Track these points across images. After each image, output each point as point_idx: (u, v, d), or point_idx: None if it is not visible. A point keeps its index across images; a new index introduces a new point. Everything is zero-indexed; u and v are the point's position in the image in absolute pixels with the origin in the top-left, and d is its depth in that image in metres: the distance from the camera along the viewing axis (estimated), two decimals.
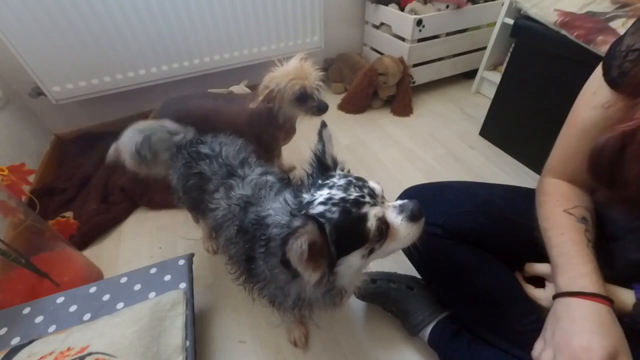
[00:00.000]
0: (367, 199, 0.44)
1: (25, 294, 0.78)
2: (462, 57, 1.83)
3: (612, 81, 0.49)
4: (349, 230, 0.43)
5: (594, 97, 0.52)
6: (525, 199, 0.72)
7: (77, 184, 1.26)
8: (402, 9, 1.62)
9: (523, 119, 1.30)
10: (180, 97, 1.10)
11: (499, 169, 1.33)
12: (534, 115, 1.24)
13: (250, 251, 0.55)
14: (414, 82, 1.75)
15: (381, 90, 1.67)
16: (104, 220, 1.14)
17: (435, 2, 1.60)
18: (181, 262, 0.80)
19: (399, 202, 0.48)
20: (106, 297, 0.72)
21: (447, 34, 1.68)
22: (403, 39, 1.62)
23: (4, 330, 0.66)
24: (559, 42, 1.04)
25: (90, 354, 0.57)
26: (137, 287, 0.74)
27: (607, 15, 0.96)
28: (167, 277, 0.76)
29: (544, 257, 0.65)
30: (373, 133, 1.58)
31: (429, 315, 0.75)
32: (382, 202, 0.47)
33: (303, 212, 0.44)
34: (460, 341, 0.70)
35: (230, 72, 1.54)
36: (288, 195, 0.50)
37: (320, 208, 0.43)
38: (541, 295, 0.62)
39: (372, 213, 0.43)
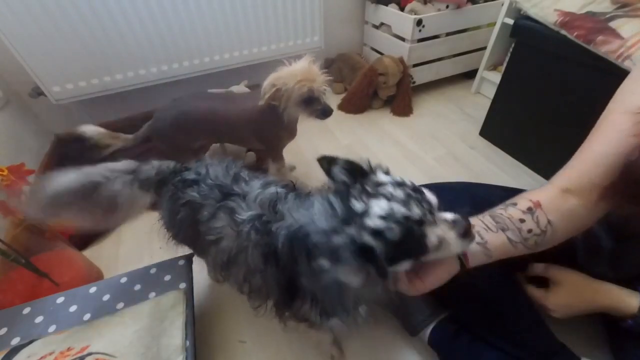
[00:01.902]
0: (429, 216, 0.43)
1: (25, 294, 0.78)
2: (462, 57, 1.83)
3: None
4: (408, 248, 0.42)
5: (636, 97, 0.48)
6: None
7: None
8: (402, 9, 1.62)
9: (523, 118, 1.30)
10: (177, 99, 1.09)
11: (499, 169, 1.33)
12: (534, 115, 1.24)
13: (292, 273, 0.50)
14: (414, 82, 1.75)
15: (381, 90, 1.67)
16: None
17: (435, 2, 1.60)
18: (181, 262, 0.80)
19: (450, 216, 0.46)
20: (106, 297, 0.72)
21: (447, 34, 1.68)
22: (403, 39, 1.62)
23: (4, 330, 0.66)
24: (559, 42, 1.04)
25: (90, 354, 0.57)
26: (137, 287, 0.74)
27: (607, 15, 0.96)
28: (167, 277, 0.76)
29: (544, 258, 0.65)
30: (373, 133, 1.58)
31: (429, 315, 0.75)
32: (437, 214, 0.46)
33: (354, 227, 0.41)
34: (460, 342, 0.70)
35: (230, 72, 1.54)
36: (333, 199, 0.44)
37: (380, 223, 0.40)
38: (542, 295, 0.62)
39: (434, 234, 0.42)
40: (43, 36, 1.13)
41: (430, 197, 0.45)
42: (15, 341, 0.64)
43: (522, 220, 0.53)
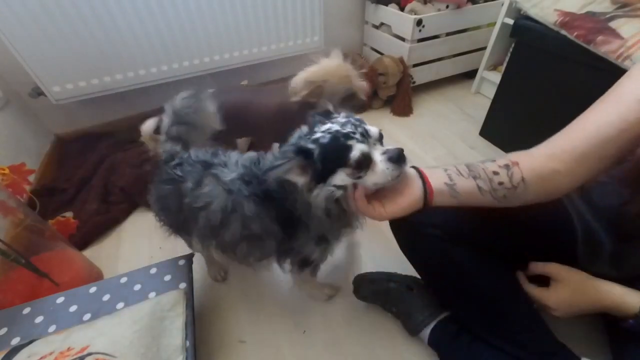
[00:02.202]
0: (358, 136, 0.53)
1: (25, 294, 0.78)
2: (462, 57, 1.83)
3: None
4: (333, 154, 0.52)
5: None
6: None
7: (77, 184, 1.26)
8: (402, 9, 1.62)
9: (523, 119, 1.30)
10: (220, 94, 1.05)
11: None
12: (534, 115, 1.24)
13: (286, 204, 0.59)
14: (414, 82, 1.75)
15: (381, 90, 1.67)
16: (104, 220, 1.14)
17: (435, 2, 1.60)
18: (181, 262, 0.80)
19: (389, 147, 0.55)
20: (106, 297, 0.72)
21: (447, 34, 1.68)
22: (403, 39, 1.62)
23: (4, 330, 0.66)
24: (559, 42, 1.04)
25: (90, 354, 0.57)
26: (137, 287, 0.74)
27: (607, 15, 0.96)
28: (167, 277, 0.76)
29: (545, 257, 0.65)
30: None
31: (429, 315, 0.75)
32: (374, 144, 0.55)
33: (306, 139, 0.54)
34: (461, 342, 0.70)
35: (230, 72, 1.54)
36: (304, 129, 0.57)
37: (318, 135, 0.54)
38: (544, 294, 0.62)
39: (357, 147, 0.52)
40: (43, 36, 1.13)
41: (371, 128, 0.55)
42: (15, 341, 0.64)
43: (495, 173, 0.55)
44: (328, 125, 0.54)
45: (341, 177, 0.53)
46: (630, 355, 0.62)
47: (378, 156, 0.53)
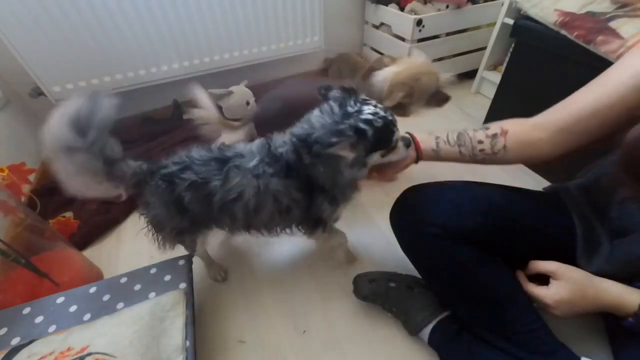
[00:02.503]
0: (397, 124, 0.63)
1: (25, 294, 0.78)
2: (462, 57, 1.82)
3: None
4: (383, 137, 0.61)
5: (635, 61, 0.54)
6: (525, 198, 0.72)
7: None
8: (402, 9, 1.62)
9: (523, 118, 1.29)
10: (276, 90, 1.07)
11: (499, 168, 1.31)
12: (533, 115, 1.24)
13: (305, 174, 0.65)
14: None
15: None
16: (104, 220, 1.14)
17: (435, 2, 1.60)
18: (181, 262, 0.80)
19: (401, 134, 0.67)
20: (106, 297, 0.72)
21: (447, 34, 1.68)
22: (403, 39, 1.63)
23: (4, 330, 0.66)
24: (559, 42, 1.04)
25: (90, 354, 0.57)
26: (137, 287, 0.74)
27: (607, 15, 0.96)
28: (167, 277, 0.76)
29: (545, 255, 0.65)
30: None
31: (429, 315, 0.75)
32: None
33: (352, 119, 0.58)
34: (461, 341, 0.70)
35: (230, 72, 1.54)
36: (334, 104, 0.61)
37: (369, 116, 0.59)
38: (543, 293, 0.62)
39: (397, 134, 0.64)
40: (43, 36, 1.13)
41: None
42: (15, 341, 0.64)
43: (480, 142, 0.67)
44: (373, 108, 0.60)
45: (377, 156, 0.64)
46: (630, 354, 0.62)
47: (400, 142, 0.66)
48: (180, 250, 0.86)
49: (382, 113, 0.60)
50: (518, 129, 0.67)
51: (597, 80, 0.59)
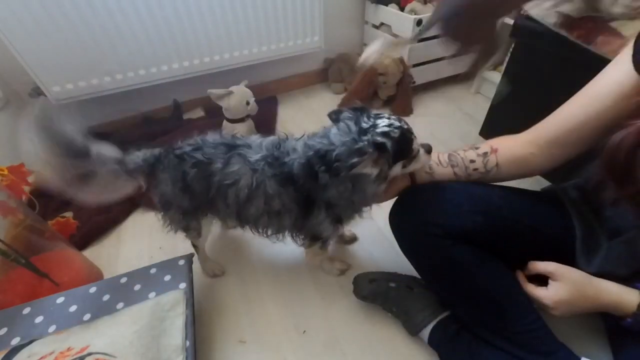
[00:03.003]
0: (413, 132, 0.64)
1: (25, 294, 0.78)
2: (462, 57, 1.82)
3: (638, 63, 0.50)
4: (403, 146, 0.61)
5: (619, 73, 0.54)
6: (524, 198, 0.72)
7: None
8: (402, 9, 1.62)
9: (523, 119, 1.29)
10: None
11: None
12: (533, 115, 1.23)
13: (309, 190, 0.65)
14: (414, 82, 1.75)
15: (381, 90, 1.67)
16: (104, 220, 1.14)
17: (435, 2, 1.60)
18: (181, 262, 0.80)
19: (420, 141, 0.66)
20: (106, 297, 0.72)
21: None
22: None
23: (4, 330, 0.66)
24: (559, 42, 1.04)
25: (90, 354, 0.57)
26: (137, 287, 0.74)
27: (607, 17, 0.96)
28: (167, 277, 0.76)
29: (545, 256, 0.65)
30: None
31: (429, 315, 0.75)
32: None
33: (369, 135, 0.59)
34: (461, 341, 0.70)
35: (230, 72, 1.54)
36: (349, 122, 0.62)
37: (386, 129, 0.59)
38: (543, 294, 0.62)
39: (416, 142, 0.64)
40: (43, 36, 1.13)
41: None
42: (15, 341, 0.64)
43: (472, 161, 0.68)
44: (387, 120, 0.61)
45: (398, 168, 0.64)
46: (630, 354, 0.63)
47: (421, 149, 0.66)
48: (180, 251, 0.86)
49: (397, 124, 0.61)
50: (508, 146, 0.68)
51: (583, 90, 0.60)
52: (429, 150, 0.67)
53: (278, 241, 0.80)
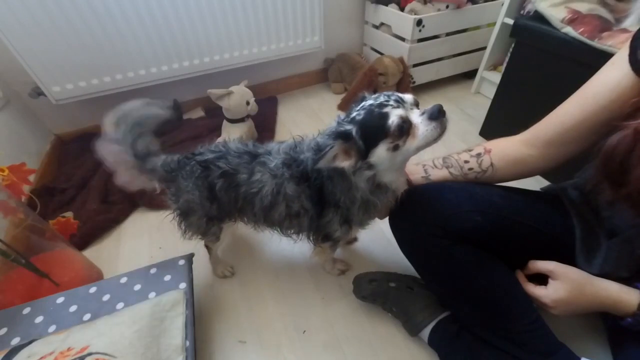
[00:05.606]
0: (392, 102, 0.54)
1: (25, 294, 0.78)
2: (462, 57, 1.82)
3: (635, 63, 0.49)
4: (372, 126, 0.54)
5: (615, 73, 0.53)
6: (524, 198, 0.72)
7: (77, 184, 1.26)
8: (402, 9, 1.62)
9: (523, 119, 1.29)
10: None
11: None
12: (533, 115, 1.23)
13: (320, 185, 0.65)
14: (414, 82, 1.75)
15: (381, 90, 1.66)
16: (104, 220, 1.14)
17: (435, 2, 1.60)
18: (181, 262, 0.80)
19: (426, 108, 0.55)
20: (106, 297, 0.72)
21: (447, 34, 1.68)
22: (403, 39, 1.62)
23: (4, 330, 0.66)
24: (559, 42, 1.04)
25: (90, 354, 0.57)
26: (137, 287, 0.74)
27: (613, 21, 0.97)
28: (167, 277, 0.76)
29: (544, 255, 0.65)
30: None
31: (429, 315, 0.75)
32: (411, 108, 0.56)
33: (341, 127, 0.56)
34: (461, 342, 0.70)
35: (230, 72, 1.54)
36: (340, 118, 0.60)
37: (353, 114, 0.56)
38: (542, 293, 0.62)
39: (394, 113, 0.53)
40: (43, 36, 1.13)
41: (404, 95, 0.56)
42: (15, 341, 0.64)
43: (466, 162, 0.69)
44: (362, 103, 0.57)
45: (382, 150, 0.55)
46: (630, 354, 0.62)
47: (416, 118, 0.54)
48: (180, 251, 0.86)
49: (369, 102, 0.55)
50: (502, 147, 0.69)
51: (580, 90, 0.59)
52: (435, 114, 0.53)
53: (299, 240, 0.81)
